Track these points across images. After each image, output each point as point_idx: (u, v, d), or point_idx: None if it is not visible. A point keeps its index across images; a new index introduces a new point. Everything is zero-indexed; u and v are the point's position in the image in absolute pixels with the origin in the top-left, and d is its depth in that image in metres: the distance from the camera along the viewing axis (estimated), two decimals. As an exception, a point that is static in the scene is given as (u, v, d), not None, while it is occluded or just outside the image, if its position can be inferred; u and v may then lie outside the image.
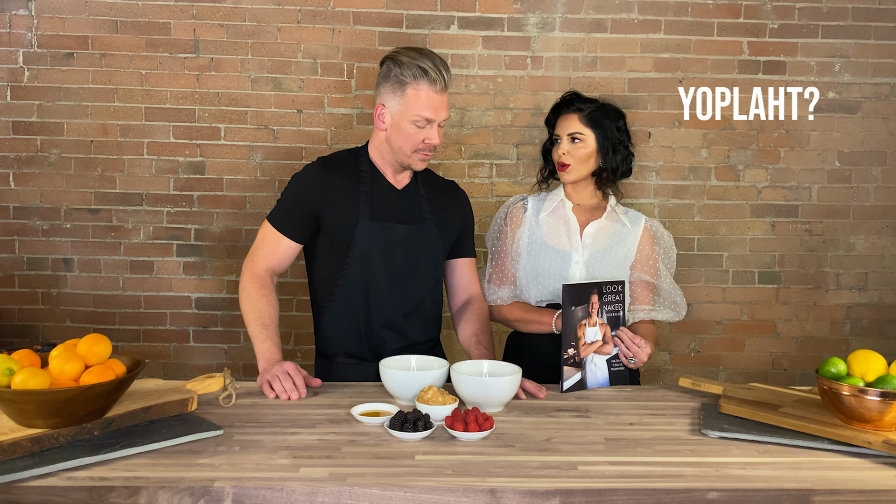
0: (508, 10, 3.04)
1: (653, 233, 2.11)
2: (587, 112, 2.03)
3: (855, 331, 3.21)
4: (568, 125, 2.04)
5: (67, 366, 1.38)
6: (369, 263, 1.90)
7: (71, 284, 3.04)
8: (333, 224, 1.91)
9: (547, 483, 1.25)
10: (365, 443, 1.42)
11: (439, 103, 1.85)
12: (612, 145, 2.03)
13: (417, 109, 1.83)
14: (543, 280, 2.04)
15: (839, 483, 1.28)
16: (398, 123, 1.86)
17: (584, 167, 2.04)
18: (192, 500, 1.20)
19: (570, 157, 2.02)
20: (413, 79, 1.82)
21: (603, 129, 2.03)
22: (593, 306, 1.83)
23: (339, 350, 1.96)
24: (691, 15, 3.07)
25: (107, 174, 3.01)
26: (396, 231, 1.92)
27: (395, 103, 1.86)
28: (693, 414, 1.65)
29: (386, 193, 1.95)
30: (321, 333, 2.00)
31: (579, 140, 2.02)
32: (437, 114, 1.85)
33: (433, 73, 1.83)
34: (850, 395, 1.43)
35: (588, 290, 1.83)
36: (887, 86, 3.12)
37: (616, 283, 1.87)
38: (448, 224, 2.01)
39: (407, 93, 1.84)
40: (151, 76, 2.98)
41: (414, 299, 1.96)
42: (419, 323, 1.99)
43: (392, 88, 1.86)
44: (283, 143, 3.04)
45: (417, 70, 1.82)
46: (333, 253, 1.92)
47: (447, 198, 2.05)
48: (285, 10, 2.99)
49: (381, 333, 1.94)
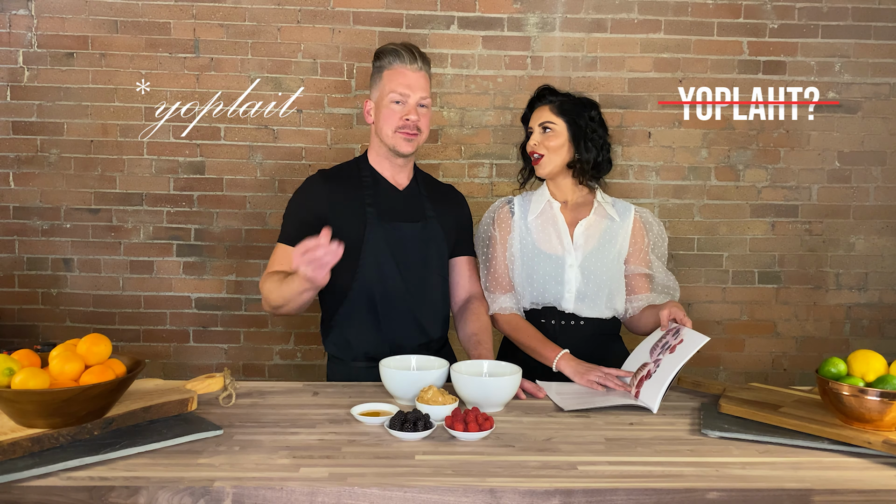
0: (508, 10, 3.04)
1: (643, 222, 2.11)
2: (557, 103, 2.04)
3: (855, 331, 3.21)
4: (539, 116, 2.05)
5: (67, 366, 1.38)
6: (381, 263, 1.92)
7: (71, 284, 3.04)
8: (342, 230, 1.90)
9: (547, 483, 1.24)
10: (365, 443, 1.42)
11: (413, 80, 1.91)
12: (585, 134, 2.02)
13: (392, 86, 1.91)
14: (538, 286, 2.03)
15: (839, 483, 1.28)
16: (379, 108, 1.94)
17: (557, 157, 2.02)
18: (192, 500, 1.20)
19: (541, 146, 2.02)
20: (388, 63, 1.94)
21: (573, 118, 2.02)
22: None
23: (359, 354, 1.96)
24: (691, 15, 3.07)
25: (107, 174, 3.01)
26: (404, 229, 1.94)
27: (376, 91, 1.96)
28: (693, 414, 1.65)
29: (389, 194, 1.98)
30: (335, 340, 1.99)
31: (550, 129, 2.02)
32: (411, 88, 1.91)
33: (405, 52, 1.93)
34: (850, 395, 1.43)
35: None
36: (887, 86, 3.12)
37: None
38: (449, 222, 2.04)
39: (383, 76, 1.94)
40: (151, 76, 2.98)
41: (427, 295, 1.98)
42: (434, 319, 2.00)
43: (374, 80, 1.97)
44: (283, 143, 3.04)
45: (392, 54, 1.93)
46: (344, 258, 1.91)
47: (446, 197, 2.09)
48: (285, 10, 2.99)
49: (400, 331, 1.95)
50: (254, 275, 3.08)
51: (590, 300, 2.01)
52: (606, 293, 2.02)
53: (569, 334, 2.02)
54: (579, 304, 2.02)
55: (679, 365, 1.68)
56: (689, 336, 1.74)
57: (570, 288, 2.01)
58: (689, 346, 1.71)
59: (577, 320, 2.03)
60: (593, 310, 2.02)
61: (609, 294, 2.02)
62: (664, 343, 1.78)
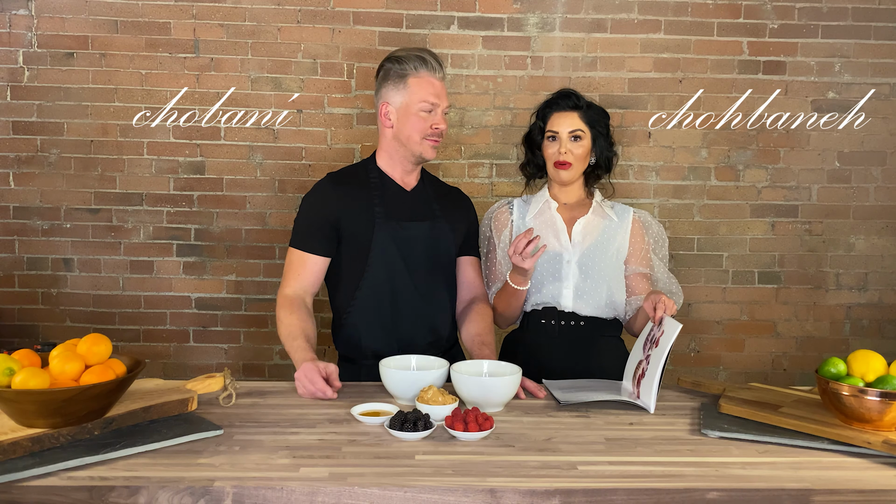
0: (508, 10, 3.04)
1: (642, 223, 2.11)
2: (585, 109, 2.05)
3: (855, 331, 3.21)
4: (568, 122, 2.03)
5: (67, 366, 1.38)
6: (390, 262, 1.93)
7: (71, 284, 3.04)
8: (351, 230, 1.95)
9: (547, 483, 1.24)
10: (365, 443, 1.42)
11: (440, 88, 1.94)
12: (602, 144, 2.06)
13: (423, 95, 1.91)
14: (536, 283, 2.04)
15: (839, 483, 1.28)
16: (405, 115, 1.92)
17: (582, 166, 2.06)
18: (192, 500, 1.20)
19: (570, 155, 2.02)
20: (414, 69, 1.91)
21: (597, 129, 2.05)
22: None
23: (368, 353, 1.97)
24: (691, 15, 3.07)
25: (107, 174, 3.01)
26: (412, 228, 1.96)
27: (399, 97, 1.93)
28: (693, 414, 1.65)
29: (397, 195, 1.99)
30: (345, 339, 2.01)
31: (580, 138, 2.03)
32: (440, 98, 1.93)
33: (432, 61, 1.93)
34: (850, 395, 1.43)
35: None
36: (887, 86, 3.12)
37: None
38: (457, 222, 2.05)
39: (409, 83, 1.91)
40: (151, 76, 2.98)
41: (436, 294, 1.99)
42: (443, 317, 2.01)
43: (394, 84, 1.93)
44: (283, 143, 3.04)
45: (417, 61, 1.91)
46: (353, 258, 1.96)
47: (453, 198, 2.10)
48: (285, 10, 2.99)
49: (410, 329, 1.96)
50: (254, 275, 3.08)
51: (588, 297, 2.01)
52: (605, 290, 2.02)
53: (569, 335, 2.03)
54: (578, 302, 2.02)
55: (662, 357, 1.68)
56: (668, 325, 1.73)
57: (567, 284, 2.02)
58: (667, 336, 1.70)
59: (577, 320, 2.03)
60: (592, 307, 2.02)
61: (608, 291, 2.02)
62: (651, 336, 1.78)
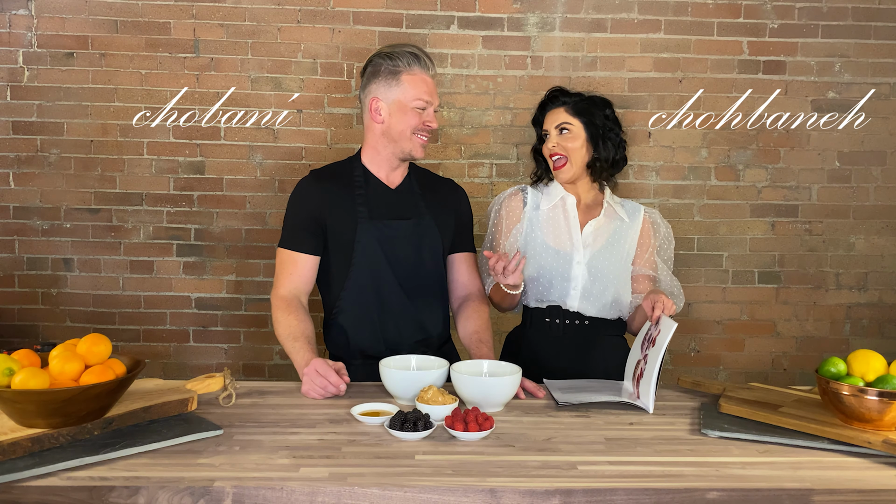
0: (508, 9, 3.04)
1: (651, 223, 2.10)
2: (572, 103, 2.03)
3: (855, 331, 3.21)
4: (555, 118, 2.03)
5: (67, 366, 1.38)
6: (373, 261, 1.93)
7: (71, 284, 3.04)
8: (335, 229, 1.95)
9: (547, 483, 1.25)
10: (365, 443, 1.42)
11: (432, 86, 1.95)
12: (602, 133, 2.02)
13: (417, 93, 1.91)
14: (545, 282, 2.03)
15: (839, 483, 1.28)
16: (398, 111, 1.92)
17: (577, 158, 2.01)
18: (192, 500, 1.20)
19: (560, 148, 2.01)
20: (408, 66, 1.91)
21: (590, 117, 2.01)
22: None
23: (356, 353, 1.97)
24: (691, 15, 3.07)
25: (107, 174, 3.01)
26: (395, 227, 1.95)
27: (390, 93, 1.92)
28: (693, 414, 1.65)
29: (381, 193, 1.98)
30: (334, 339, 2.01)
31: (567, 130, 2.01)
32: (432, 95, 1.94)
33: (425, 59, 1.93)
34: (850, 394, 1.43)
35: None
36: (887, 86, 3.12)
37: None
38: (444, 217, 2.03)
39: (402, 79, 1.91)
40: (151, 76, 2.98)
41: (422, 292, 1.98)
42: (432, 316, 2.01)
43: (385, 80, 1.92)
44: (283, 143, 3.04)
45: (410, 57, 1.91)
46: (338, 257, 1.95)
47: (442, 192, 2.07)
48: (285, 10, 2.99)
49: (397, 328, 1.96)
50: (254, 275, 3.08)
51: (595, 299, 2.01)
52: (613, 293, 2.02)
53: (574, 334, 2.02)
54: (584, 303, 2.01)
55: (659, 356, 1.68)
56: (665, 324, 1.73)
57: (575, 285, 2.01)
58: (663, 335, 1.70)
59: (581, 320, 2.02)
60: (598, 309, 2.02)
61: (615, 294, 2.02)
62: (648, 335, 1.78)
